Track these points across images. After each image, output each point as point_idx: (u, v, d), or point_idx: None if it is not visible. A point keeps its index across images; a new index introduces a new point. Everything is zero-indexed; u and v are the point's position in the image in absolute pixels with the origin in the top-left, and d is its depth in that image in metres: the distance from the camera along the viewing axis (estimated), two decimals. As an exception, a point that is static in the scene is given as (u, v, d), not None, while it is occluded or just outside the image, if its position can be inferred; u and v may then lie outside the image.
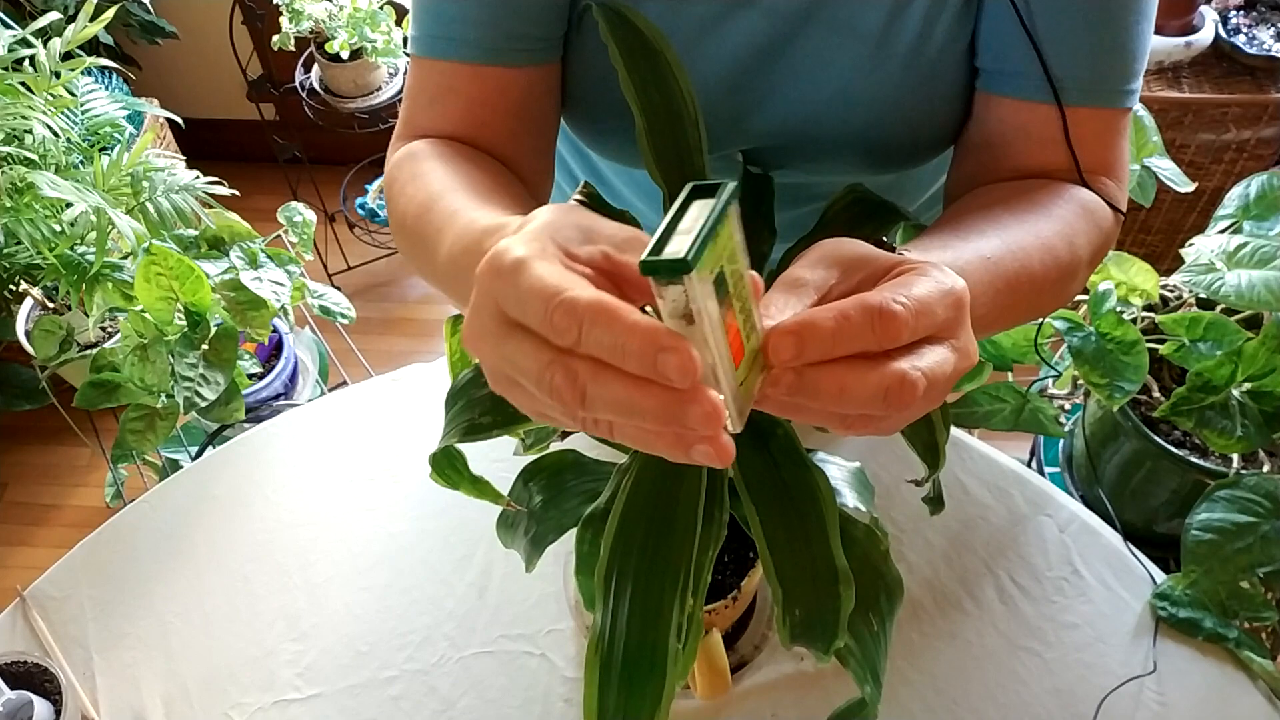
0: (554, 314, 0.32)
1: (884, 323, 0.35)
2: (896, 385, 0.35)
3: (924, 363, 0.36)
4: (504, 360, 0.35)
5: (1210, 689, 0.79)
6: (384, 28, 1.84)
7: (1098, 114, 0.62)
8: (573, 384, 0.33)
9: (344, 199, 2.29)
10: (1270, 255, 0.97)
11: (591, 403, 0.33)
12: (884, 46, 0.63)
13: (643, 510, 0.46)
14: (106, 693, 0.82)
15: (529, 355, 0.34)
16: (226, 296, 1.17)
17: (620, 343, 0.31)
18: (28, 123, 1.25)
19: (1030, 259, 0.54)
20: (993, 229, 0.54)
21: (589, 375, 0.32)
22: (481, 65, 0.62)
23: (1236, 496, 0.87)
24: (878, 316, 0.35)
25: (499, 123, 0.64)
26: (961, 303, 0.38)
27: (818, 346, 0.35)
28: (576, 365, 0.33)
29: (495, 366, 0.36)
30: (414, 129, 0.65)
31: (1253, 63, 1.67)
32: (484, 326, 0.36)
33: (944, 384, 0.37)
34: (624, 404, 0.32)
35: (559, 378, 0.33)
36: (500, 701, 0.80)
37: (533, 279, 0.33)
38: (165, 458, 1.46)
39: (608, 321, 0.32)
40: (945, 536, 0.88)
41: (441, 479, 0.56)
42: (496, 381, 0.37)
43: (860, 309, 0.35)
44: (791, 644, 0.48)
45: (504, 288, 0.34)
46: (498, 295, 0.35)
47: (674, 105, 0.54)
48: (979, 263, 0.51)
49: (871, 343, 0.35)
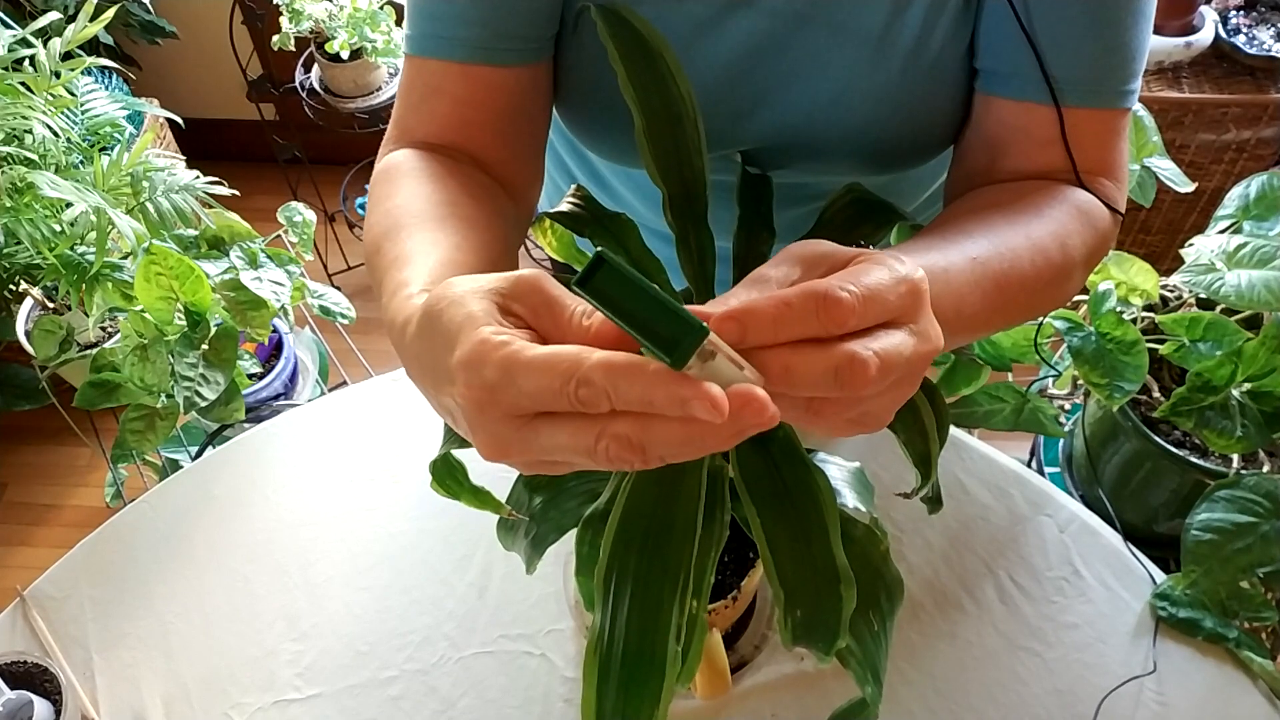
0: (577, 393, 0.33)
1: (827, 307, 0.35)
2: (846, 364, 0.35)
3: (877, 344, 0.36)
4: (543, 453, 0.35)
5: (1210, 689, 0.79)
6: (384, 28, 1.84)
7: (1097, 115, 0.62)
8: (629, 446, 0.33)
9: (344, 199, 2.29)
10: (1270, 255, 0.97)
11: (651, 451, 0.33)
12: (883, 47, 0.63)
13: (642, 511, 0.46)
14: (106, 693, 0.82)
15: (569, 438, 0.34)
16: (226, 296, 1.17)
17: (647, 397, 0.32)
18: (28, 123, 1.25)
19: (1020, 259, 0.54)
20: (981, 231, 0.54)
21: (639, 432, 0.33)
22: (471, 65, 0.62)
23: (1236, 496, 0.87)
24: (821, 301, 0.35)
25: (487, 123, 0.64)
26: (917, 289, 0.38)
27: (758, 330, 0.35)
28: (620, 428, 0.33)
29: (533, 462, 0.36)
30: (403, 129, 0.65)
31: (1253, 63, 1.67)
32: (503, 438, 0.35)
33: (906, 367, 0.37)
34: (683, 441, 0.33)
35: (613, 447, 0.33)
36: (500, 701, 0.80)
37: (534, 369, 0.33)
38: (165, 458, 1.46)
39: (629, 379, 0.32)
40: (945, 536, 0.88)
41: (442, 489, 0.57)
42: (534, 468, 0.37)
43: (802, 294, 0.36)
44: (793, 644, 0.48)
45: (505, 394, 0.34)
46: (503, 404, 0.34)
47: (673, 106, 0.54)
48: (966, 264, 0.50)
49: (816, 327, 0.36)
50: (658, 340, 0.32)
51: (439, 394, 0.38)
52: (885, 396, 0.38)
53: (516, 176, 0.66)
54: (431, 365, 0.38)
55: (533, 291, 0.37)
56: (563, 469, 0.37)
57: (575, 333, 0.36)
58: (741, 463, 0.49)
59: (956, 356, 1.05)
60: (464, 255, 0.50)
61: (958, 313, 0.49)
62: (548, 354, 0.33)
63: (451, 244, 0.51)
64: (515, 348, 0.34)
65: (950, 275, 0.50)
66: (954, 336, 0.50)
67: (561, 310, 0.36)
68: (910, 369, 0.38)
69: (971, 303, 0.50)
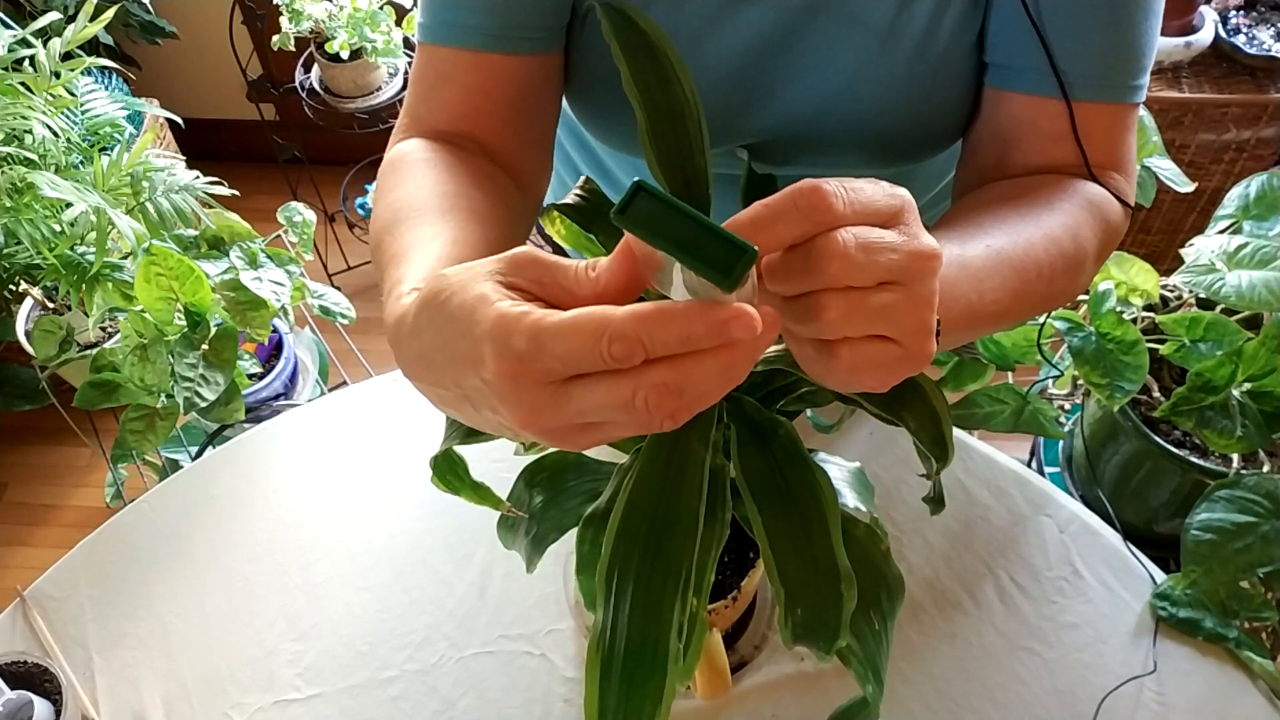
0: (611, 349, 0.32)
1: (807, 198, 0.35)
2: (821, 244, 0.36)
3: (861, 232, 0.36)
4: (577, 415, 0.35)
5: (1210, 689, 0.79)
6: (384, 28, 1.83)
7: (1106, 109, 0.62)
8: (667, 392, 0.33)
9: (344, 199, 2.29)
10: (1271, 256, 0.97)
11: (690, 392, 0.33)
12: (891, 40, 0.63)
13: (644, 510, 0.46)
14: (106, 693, 0.82)
15: (605, 394, 0.34)
16: (226, 296, 1.17)
17: (685, 334, 0.32)
18: (28, 123, 1.25)
19: (1035, 249, 0.54)
20: (996, 223, 0.55)
21: (676, 375, 0.33)
22: (482, 53, 0.63)
23: (1236, 496, 0.87)
24: (799, 195, 0.36)
25: (496, 112, 0.64)
26: (903, 195, 0.38)
27: (755, 223, 0.36)
28: (657, 375, 0.33)
29: (567, 425, 0.36)
30: (414, 117, 0.66)
31: (1253, 63, 1.67)
32: (537, 405, 0.35)
33: (896, 266, 0.37)
34: (719, 371, 0.33)
35: (652, 396, 0.33)
36: (500, 701, 0.80)
37: (560, 335, 0.33)
38: (165, 458, 1.46)
39: (662, 325, 0.32)
40: (945, 536, 0.88)
41: (442, 484, 0.57)
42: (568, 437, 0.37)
43: (782, 193, 0.36)
44: (793, 644, 0.48)
45: (536, 362, 0.34)
46: (534, 373, 0.34)
47: (676, 105, 0.54)
48: (984, 252, 0.51)
49: (801, 222, 0.36)
50: (709, 262, 0.31)
51: (459, 379, 0.38)
52: (896, 304, 0.38)
53: (525, 166, 0.67)
54: (445, 354, 0.38)
55: (530, 264, 0.37)
56: (597, 435, 0.37)
57: (585, 286, 0.36)
58: (743, 462, 0.50)
59: (961, 356, 1.05)
60: (462, 249, 0.50)
61: (980, 298, 0.49)
62: (573, 316, 0.34)
63: (450, 237, 0.51)
64: (538, 315, 0.34)
65: (968, 262, 0.50)
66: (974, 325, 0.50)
67: (564, 272, 0.36)
68: (908, 271, 0.37)
69: (991, 289, 0.50)
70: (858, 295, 0.37)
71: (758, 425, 0.52)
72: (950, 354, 1.05)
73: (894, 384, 0.40)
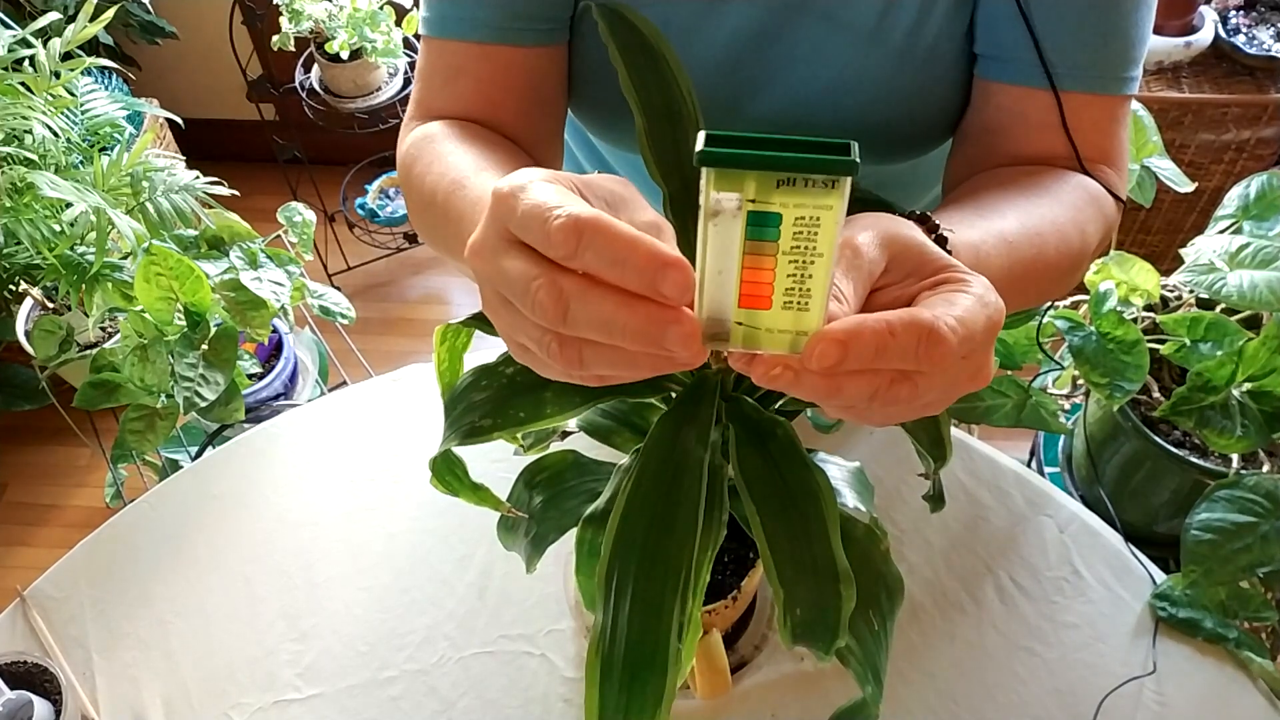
0: (553, 226, 0.32)
1: (931, 344, 0.34)
2: (885, 385, 0.35)
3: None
4: (497, 274, 0.35)
5: (1210, 689, 0.79)
6: (384, 28, 1.83)
7: (1096, 100, 0.62)
8: (558, 299, 0.33)
9: (344, 199, 2.29)
10: (1272, 256, 0.97)
11: (573, 320, 0.33)
12: (879, 33, 0.63)
13: (643, 510, 0.46)
14: (106, 693, 0.82)
15: (520, 269, 0.34)
16: (226, 296, 1.17)
17: (621, 256, 0.32)
18: (28, 123, 1.25)
19: (1046, 244, 0.54)
20: (1011, 210, 0.54)
21: (575, 292, 0.33)
22: (491, 45, 0.63)
23: (1236, 496, 0.87)
24: (926, 337, 0.34)
25: (511, 103, 0.65)
26: (996, 326, 0.37)
27: (860, 355, 0.34)
28: (564, 281, 0.33)
29: (489, 280, 0.37)
30: (427, 110, 0.66)
31: (1253, 63, 1.67)
32: (485, 241, 0.36)
33: (943, 397, 0.37)
34: (606, 321, 0.33)
35: (544, 293, 0.33)
36: (500, 701, 0.80)
37: (536, 195, 0.34)
38: (165, 458, 1.46)
39: (609, 236, 0.32)
40: (945, 536, 0.88)
41: (441, 485, 0.56)
42: (488, 301, 0.38)
43: (907, 327, 0.34)
44: (793, 644, 0.48)
45: (509, 203, 0.35)
46: (502, 213, 0.35)
47: (674, 105, 0.54)
48: (999, 244, 0.50)
49: (913, 360, 0.34)
50: (816, 161, 0.30)
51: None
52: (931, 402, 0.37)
53: (541, 156, 0.67)
54: None
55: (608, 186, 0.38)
56: (504, 317, 0.37)
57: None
58: (742, 461, 0.49)
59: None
60: None
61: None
62: (558, 193, 0.34)
63: None
64: (550, 179, 0.35)
65: (981, 253, 0.49)
66: None
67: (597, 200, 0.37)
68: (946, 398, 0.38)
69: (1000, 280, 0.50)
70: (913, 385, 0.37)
71: (756, 425, 0.52)
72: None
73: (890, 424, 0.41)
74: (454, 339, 0.54)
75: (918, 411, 0.38)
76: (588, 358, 0.34)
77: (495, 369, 0.51)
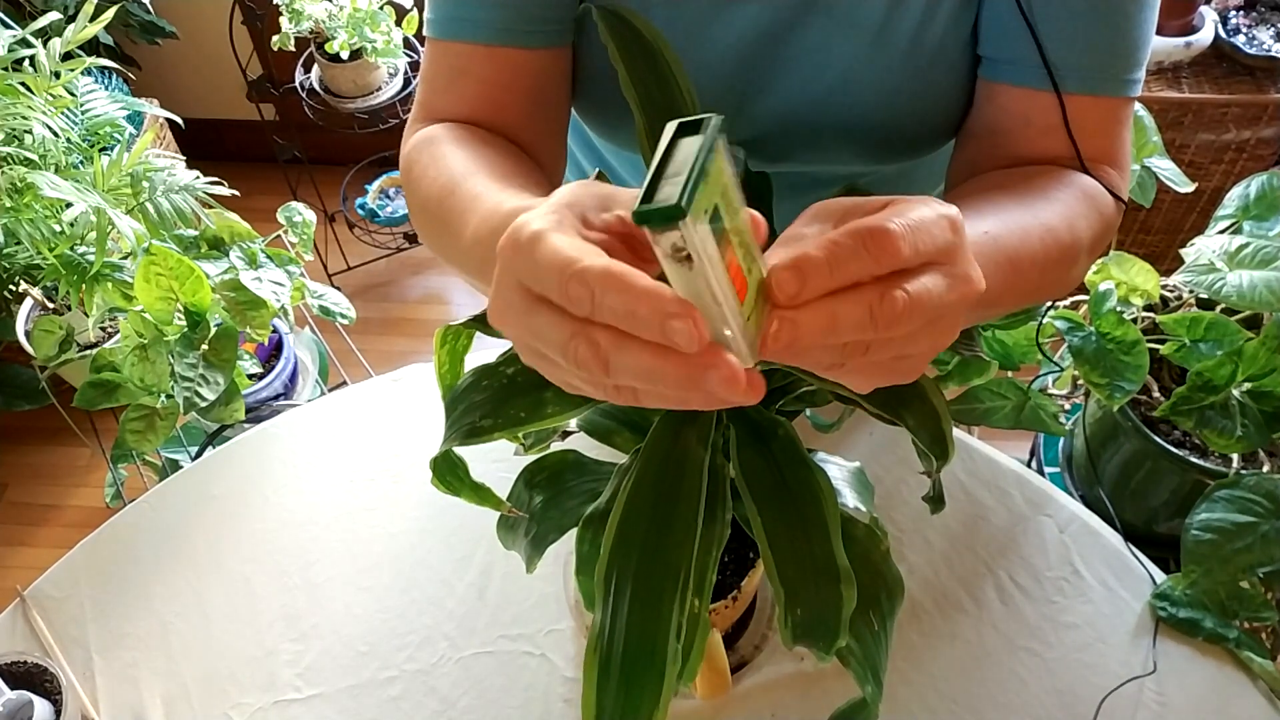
0: (569, 284, 0.33)
1: (877, 238, 0.34)
2: (878, 300, 0.34)
3: (913, 285, 0.35)
4: (530, 334, 0.35)
5: (1210, 689, 0.79)
6: (384, 28, 1.83)
7: (1099, 102, 0.62)
8: (597, 354, 0.33)
9: (344, 199, 2.29)
10: (1272, 256, 0.97)
11: (616, 371, 0.33)
12: (885, 34, 0.63)
13: (643, 510, 0.46)
14: (106, 693, 0.82)
15: (553, 328, 0.34)
16: (226, 296, 1.17)
17: (630, 309, 0.32)
18: (28, 123, 1.25)
19: (1030, 236, 0.53)
20: (991, 210, 0.54)
21: (611, 345, 0.33)
22: (496, 46, 0.63)
23: (1236, 496, 0.87)
24: (869, 236, 0.35)
25: (515, 104, 0.65)
26: (958, 225, 0.38)
27: (816, 276, 0.34)
28: (598, 335, 0.33)
29: (522, 341, 0.37)
30: (431, 112, 0.66)
31: (1253, 63, 1.67)
32: (508, 302, 0.36)
33: (943, 309, 0.36)
34: (646, 371, 0.33)
35: (583, 349, 0.33)
36: (500, 701, 0.80)
37: (549, 251, 0.34)
38: (165, 458, 1.46)
39: (619, 289, 0.32)
40: (945, 536, 0.88)
41: (442, 485, 0.56)
42: (525, 355, 0.38)
43: (850, 233, 0.35)
44: (793, 644, 0.48)
45: (523, 262, 0.35)
46: (517, 270, 0.35)
47: (674, 105, 0.55)
48: (980, 237, 0.50)
49: (870, 264, 0.35)
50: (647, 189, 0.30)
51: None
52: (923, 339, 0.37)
53: (543, 157, 0.67)
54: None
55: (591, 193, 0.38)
56: (546, 368, 0.37)
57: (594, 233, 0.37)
58: (742, 462, 0.50)
59: (962, 355, 1.05)
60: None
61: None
62: (568, 244, 0.34)
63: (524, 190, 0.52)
64: (554, 228, 0.35)
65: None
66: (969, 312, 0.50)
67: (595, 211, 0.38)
68: (948, 310, 0.37)
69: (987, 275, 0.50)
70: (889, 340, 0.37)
71: (757, 425, 0.52)
72: (952, 353, 1.05)
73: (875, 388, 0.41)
74: (454, 341, 0.54)
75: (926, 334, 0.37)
76: (643, 398, 0.35)
77: (496, 369, 0.51)
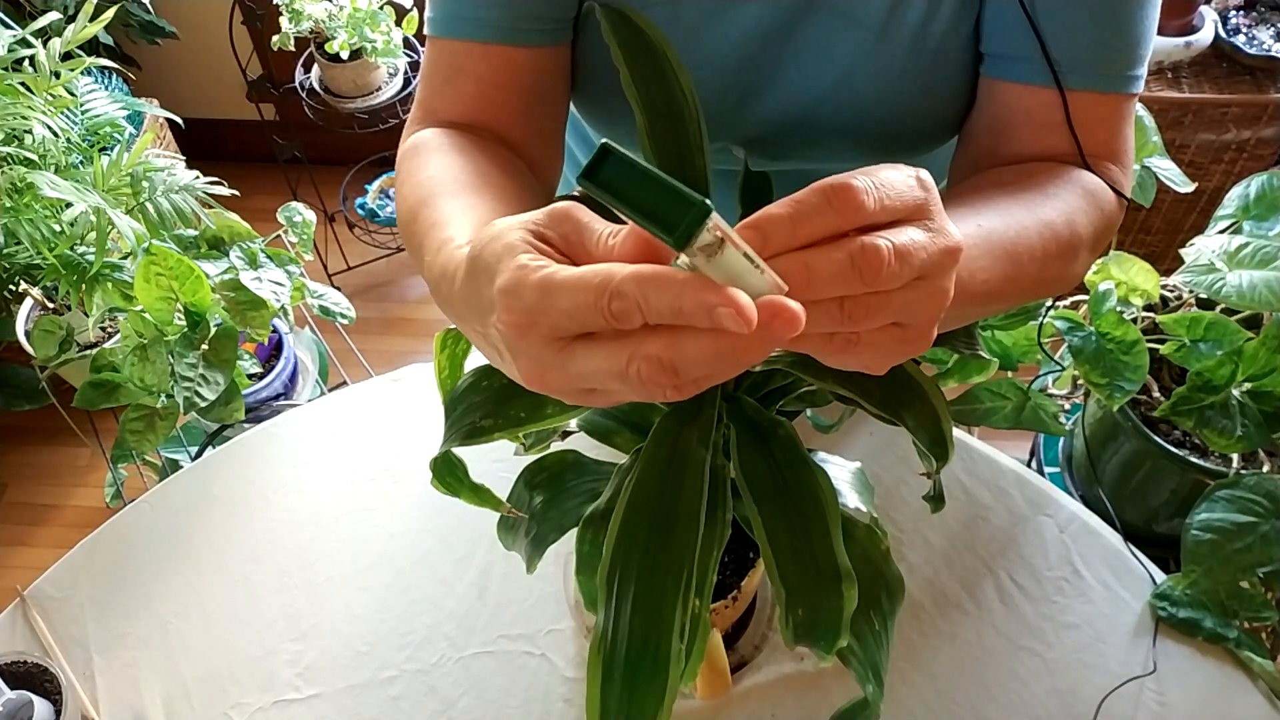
0: (610, 303, 0.32)
1: (840, 195, 0.35)
2: (859, 251, 0.35)
3: (896, 238, 0.35)
4: (578, 380, 0.35)
5: (1210, 689, 0.79)
6: (384, 28, 1.83)
7: (1102, 99, 0.62)
8: (659, 367, 0.33)
9: (344, 199, 2.29)
10: (1272, 256, 0.97)
11: (686, 371, 0.33)
12: (887, 32, 0.63)
13: (644, 510, 0.46)
14: (106, 693, 0.82)
15: (602, 361, 0.34)
16: (226, 296, 1.17)
17: (677, 306, 0.32)
18: (28, 123, 1.25)
19: (1027, 231, 0.53)
20: (989, 206, 0.54)
21: (670, 350, 0.32)
22: (494, 45, 0.63)
23: (1236, 496, 0.87)
24: (832, 191, 0.35)
25: (511, 103, 0.65)
26: (926, 183, 0.38)
27: (777, 232, 0.35)
28: (651, 348, 0.33)
29: (568, 388, 0.36)
30: (429, 110, 0.66)
31: (1253, 63, 1.67)
32: (542, 361, 0.35)
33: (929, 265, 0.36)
34: (714, 356, 0.32)
35: (644, 368, 0.33)
36: (500, 701, 0.80)
37: (568, 287, 0.33)
38: (165, 458, 1.46)
39: (657, 288, 0.32)
40: (945, 536, 0.88)
41: (442, 486, 0.57)
42: (571, 398, 0.37)
43: (813, 189, 0.35)
44: (794, 644, 0.48)
45: (544, 316, 0.34)
46: (542, 327, 0.34)
47: (675, 105, 0.55)
48: (976, 231, 0.50)
49: (833, 217, 0.35)
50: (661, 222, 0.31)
51: (484, 328, 0.38)
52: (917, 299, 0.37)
53: (540, 157, 0.67)
54: (476, 301, 0.38)
55: (565, 219, 0.37)
56: (603, 399, 0.37)
57: (601, 254, 0.36)
58: (743, 461, 0.50)
59: (962, 354, 1.05)
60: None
61: (970, 276, 0.49)
62: (581, 271, 0.33)
63: (489, 209, 0.51)
64: (551, 270, 0.34)
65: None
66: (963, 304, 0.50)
67: (590, 234, 0.36)
68: (935, 266, 0.37)
69: (983, 268, 0.50)
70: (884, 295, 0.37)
71: (757, 425, 0.52)
72: (951, 352, 1.05)
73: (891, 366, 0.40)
74: (454, 345, 0.54)
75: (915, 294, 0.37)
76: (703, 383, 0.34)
77: (496, 370, 0.51)
